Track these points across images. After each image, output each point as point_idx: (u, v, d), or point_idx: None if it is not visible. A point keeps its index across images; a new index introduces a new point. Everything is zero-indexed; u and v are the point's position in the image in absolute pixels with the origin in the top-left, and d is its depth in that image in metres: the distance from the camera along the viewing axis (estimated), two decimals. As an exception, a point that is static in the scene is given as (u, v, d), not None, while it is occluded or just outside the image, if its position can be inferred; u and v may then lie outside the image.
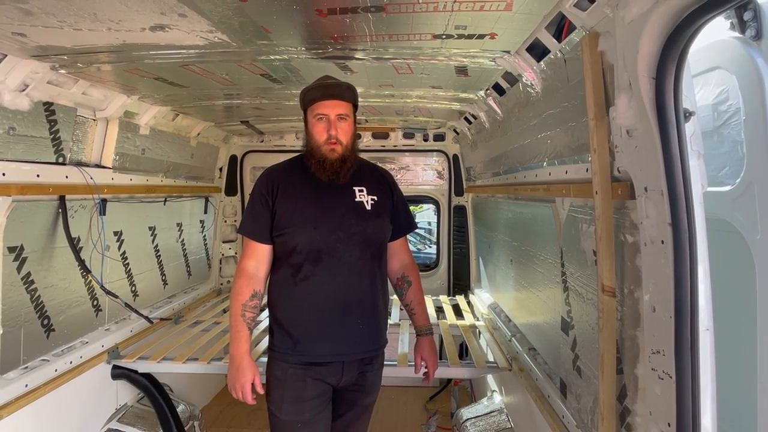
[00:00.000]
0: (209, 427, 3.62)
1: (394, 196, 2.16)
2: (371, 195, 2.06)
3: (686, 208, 1.12)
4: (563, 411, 1.97)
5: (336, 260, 1.97)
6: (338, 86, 1.97)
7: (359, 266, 2.00)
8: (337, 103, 1.95)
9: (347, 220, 1.99)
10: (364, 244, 2.00)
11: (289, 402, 1.99)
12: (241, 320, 1.99)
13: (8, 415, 2.09)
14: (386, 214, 2.10)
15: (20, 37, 1.77)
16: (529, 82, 2.05)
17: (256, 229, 2.01)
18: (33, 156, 2.28)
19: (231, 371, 1.99)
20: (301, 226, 1.97)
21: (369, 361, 2.08)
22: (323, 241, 1.96)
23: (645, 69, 1.14)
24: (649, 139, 1.17)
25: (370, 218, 2.03)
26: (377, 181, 2.13)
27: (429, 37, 1.83)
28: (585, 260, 1.71)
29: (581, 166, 1.72)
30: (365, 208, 2.03)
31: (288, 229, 1.97)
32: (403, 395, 4.40)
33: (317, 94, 1.95)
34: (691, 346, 1.13)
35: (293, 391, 1.98)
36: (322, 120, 1.95)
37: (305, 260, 1.97)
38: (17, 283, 2.25)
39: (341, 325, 1.98)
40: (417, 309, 2.26)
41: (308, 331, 1.99)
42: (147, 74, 2.34)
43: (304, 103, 2.01)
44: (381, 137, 4.54)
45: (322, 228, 1.97)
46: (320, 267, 1.96)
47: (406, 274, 2.24)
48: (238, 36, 1.84)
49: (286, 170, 2.09)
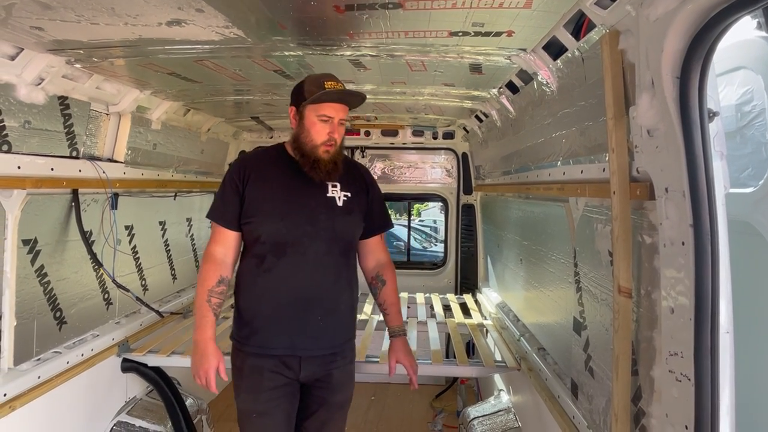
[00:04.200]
0: (216, 421, 3.64)
1: (370, 193, 2.14)
2: (345, 191, 2.03)
3: (709, 209, 1.11)
4: (574, 411, 1.96)
5: (300, 255, 1.95)
6: (356, 95, 1.94)
7: (325, 262, 1.98)
8: (345, 108, 1.95)
9: (316, 215, 1.97)
10: (331, 241, 1.99)
11: (245, 392, 2.00)
12: (207, 305, 1.96)
13: (21, 406, 2.11)
14: (359, 212, 2.06)
15: (38, 31, 1.78)
16: (544, 81, 2.04)
17: (225, 215, 1.99)
18: (47, 150, 2.30)
19: (195, 357, 1.96)
20: (266, 216, 1.94)
21: (332, 358, 2.04)
22: (289, 234, 1.94)
23: (669, 68, 1.12)
24: (672, 139, 1.16)
25: (340, 214, 2.00)
26: (353, 178, 2.10)
27: (445, 34, 1.82)
28: (600, 261, 1.70)
29: (598, 165, 1.71)
30: (336, 204, 2.01)
31: (254, 218, 1.95)
32: (409, 393, 4.37)
33: (333, 96, 1.90)
34: (711, 349, 1.12)
35: (250, 382, 1.99)
36: (326, 122, 1.92)
37: (269, 252, 1.95)
38: (31, 276, 2.26)
39: (300, 320, 1.97)
40: (390, 309, 2.22)
41: (266, 323, 1.98)
42: (161, 69, 2.35)
43: (305, 97, 1.91)
44: (390, 134, 4.53)
45: (288, 221, 1.94)
46: (284, 260, 1.94)
47: (380, 273, 2.20)
48: (254, 32, 1.84)
49: (261, 158, 2.06)
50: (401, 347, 2.23)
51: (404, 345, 2.24)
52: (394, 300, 2.23)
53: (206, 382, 1.95)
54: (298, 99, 1.96)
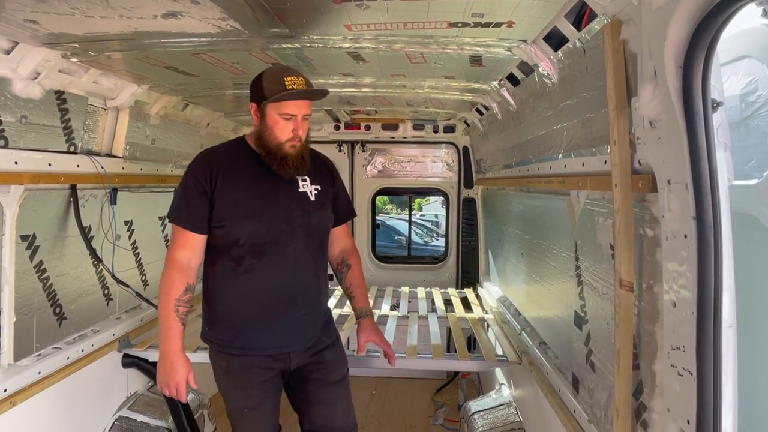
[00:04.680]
0: (218, 415, 3.64)
1: (335, 184, 2.13)
2: (315, 185, 2.02)
3: (712, 201, 1.09)
4: (575, 405, 1.95)
5: (280, 254, 1.92)
6: (317, 93, 1.89)
7: (304, 258, 1.97)
8: (308, 103, 1.90)
9: (291, 212, 1.94)
10: (308, 237, 1.98)
11: (235, 389, 1.99)
12: (174, 315, 1.88)
13: (22, 402, 2.11)
14: (329, 204, 2.07)
15: (32, 24, 1.76)
16: (545, 72, 2.01)
17: (191, 219, 1.89)
18: (45, 144, 2.28)
19: (163, 369, 1.89)
20: (243, 218, 1.89)
21: (319, 340, 2.07)
22: (267, 234, 1.90)
23: (672, 57, 1.10)
24: (675, 130, 1.14)
25: (314, 210, 1.99)
26: (320, 170, 2.08)
27: (445, 25, 1.79)
28: (601, 254, 1.69)
29: (599, 158, 1.69)
30: (309, 199, 1.99)
31: (229, 221, 1.89)
32: (410, 387, 4.41)
33: (296, 96, 1.83)
34: (713, 343, 1.10)
35: (238, 380, 1.98)
36: (289, 119, 1.86)
37: (247, 253, 1.90)
38: (30, 272, 2.26)
39: (285, 317, 1.96)
40: (356, 291, 2.23)
41: (250, 324, 1.96)
42: (158, 63, 2.33)
43: (264, 95, 1.84)
44: (390, 128, 4.51)
45: (265, 221, 1.91)
46: (264, 260, 1.91)
47: (345, 258, 2.22)
48: (251, 24, 1.81)
49: (225, 156, 1.97)
50: (370, 326, 2.23)
51: (372, 324, 2.25)
52: (359, 282, 2.23)
53: (176, 393, 1.91)
54: (257, 96, 1.88)
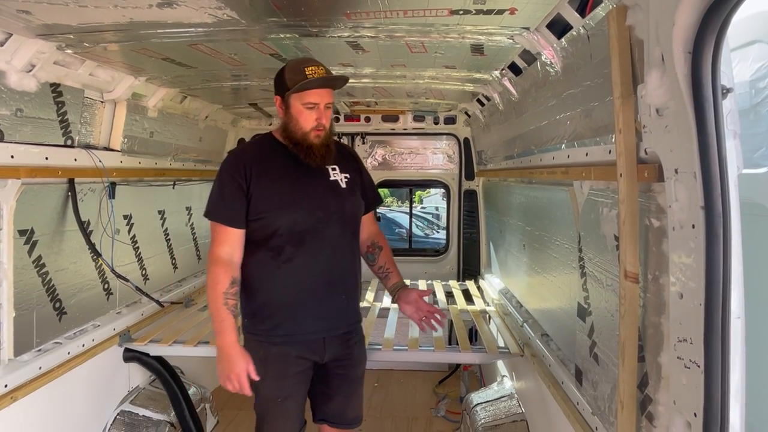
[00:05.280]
0: (220, 409, 3.65)
1: (362, 172, 2.20)
2: (344, 173, 2.09)
3: (721, 191, 1.07)
4: (578, 398, 1.94)
5: (318, 241, 1.99)
6: (337, 79, 1.96)
7: (340, 244, 2.04)
8: (329, 92, 1.96)
9: (326, 200, 2.02)
10: (343, 223, 2.05)
11: (271, 379, 2.03)
12: (224, 308, 1.92)
13: (23, 397, 2.11)
14: (358, 191, 2.13)
15: (25, 15, 1.73)
16: (548, 61, 1.98)
17: (230, 215, 1.96)
18: (41, 138, 2.25)
19: (222, 364, 1.93)
20: (281, 209, 1.96)
21: (350, 336, 2.14)
22: (304, 223, 1.98)
23: (681, 43, 1.07)
24: (683, 117, 1.11)
25: (347, 197, 2.07)
26: (346, 159, 2.16)
27: (446, 13, 1.76)
28: (605, 245, 1.66)
29: (604, 147, 1.66)
30: (341, 186, 2.06)
31: (268, 212, 1.96)
32: (412, 379, 4.41)
33: (315, 84, 1.89)
34: (721, 335, 1.08)
35: (275, 370, 2.03)
36: (312, 109, 1.92)
37: (287, 243, 1.97)
38: (28, 266, 2.24)
39: (326, 301, 2.02)
40: (392, 268, 2.26)
41: (292, 311, 2.01)
42: (155, 54, 2.29)
43: (287, 86, 1.92)
44: (391, 120, 4.47)
45: (302, 210, 1.98)
46: (303, 248, 1.98)
47: (375, 241, 2.27)
48: (248, 13, 1.78)
49: (257, 152, 2.06)
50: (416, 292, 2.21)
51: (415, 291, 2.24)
52: (392, 261, 2.28)
53: (239, 386, 1.93)
54: (281, 88, 1.97)
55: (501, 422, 2.76)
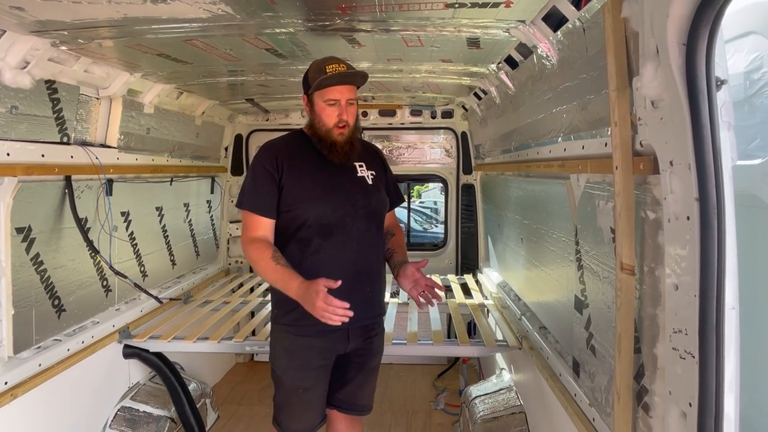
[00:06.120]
0: (221, 404, 3.67)
1: (386, 170, 2.26)
2: (370, 170, 2.14)
3: (715, 183, 1.07)
4: (575, 389, 1.95)
5: (345, 234, 2.03)
6: (355, 75, 1.99)
7: (366, 238, 2.08)
8: (350, 88, 2.00)
9: (353, 195, 2.06)
10: (369, 217, 2.09)
11: (294, 369, 2.07)
12: (278, 266, 1.90)
13: (23, 394, 2.12)
14: (383, 188, 2.19)
15: (18, 11, 1.72)
16: (544, 54, 1.97)
17: (262, 204, 2.00)
18: (37, 135, 2.25)
19: (306, 302, 1.82)
20: (311, 201, 2.01)
21: (372, 327, 2.17)
22: (333, 216, 2.01)
23: (675, 35, 1.07)
24: (677, 109, 1.11)
25: (373, 192, 2.12)
26: (372, 157, 2.21)
27: (441, 6, 1.75)
28: (601, 238, 1.67)
29: (600, 140, 1.66)
30: (367, 182, 2.11)
31: (298, 204, 2.00)
32: (412, 373, 4.44)
33: (333, 80, 1.94)
34: (716, 326, 1.09)
35: (300, 360, 2.07)
36: (333, 105, 1.97)
37: (315, 234, 2.01)
38: (26, 264, 2.24)
39: (352, 293, 1.97)
40: (398, 249, 2.24)
41: None
42: (150, 50, 2.28)
43: (310, 85, 1.98)
44: (388, 114, 4.46)
45: (331, 203, 2.02)
46: (330, 241, 2.02)
47: (390, 229, 2.31)
48: (243, 8, 1.77)
49: (288, 146, 2.10)
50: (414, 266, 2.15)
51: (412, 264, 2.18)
52: (401, 244, 2.31)
53: (330, 308, 1.77)
54: (306, 87, 2.03)
55: (500, 414, 2.77)
